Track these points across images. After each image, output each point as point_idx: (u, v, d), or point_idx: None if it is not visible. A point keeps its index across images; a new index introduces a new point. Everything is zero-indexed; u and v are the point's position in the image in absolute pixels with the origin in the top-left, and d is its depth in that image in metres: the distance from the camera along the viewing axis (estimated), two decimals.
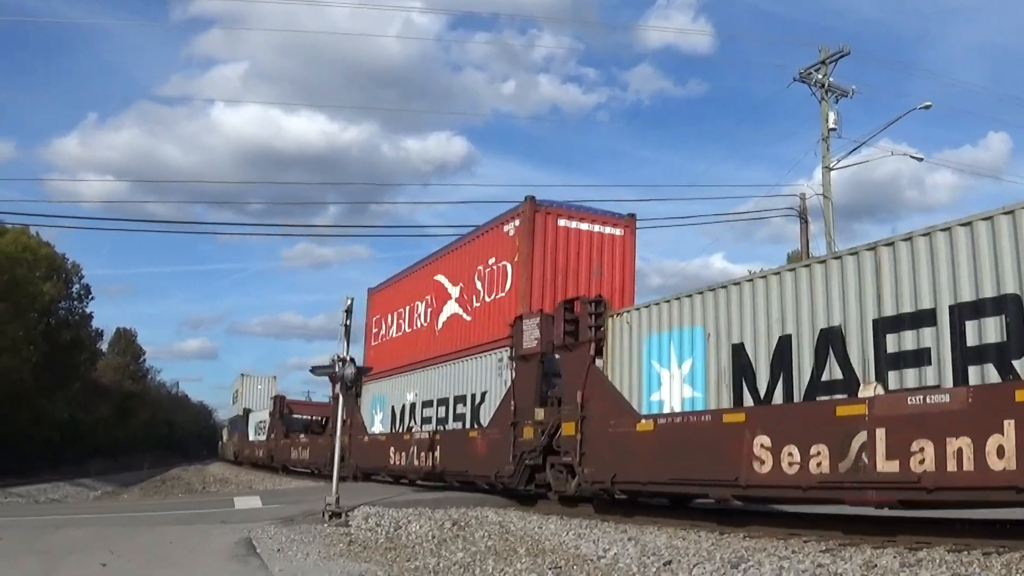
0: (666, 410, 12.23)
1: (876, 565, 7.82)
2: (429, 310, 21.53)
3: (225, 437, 61.49)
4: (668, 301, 12.71)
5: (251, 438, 45.73)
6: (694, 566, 8.53)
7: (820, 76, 27.35)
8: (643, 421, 12.38)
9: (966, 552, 7.99)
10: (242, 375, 57.77)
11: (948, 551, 8.14)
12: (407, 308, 23.35)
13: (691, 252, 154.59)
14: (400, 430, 21.61)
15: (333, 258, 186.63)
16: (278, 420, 38.52)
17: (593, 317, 13.92)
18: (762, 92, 74.09)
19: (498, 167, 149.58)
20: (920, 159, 29.11)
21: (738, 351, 11.27)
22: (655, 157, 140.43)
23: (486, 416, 17.16)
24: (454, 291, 19.95)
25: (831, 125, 27.05)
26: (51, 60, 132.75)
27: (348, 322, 14.27)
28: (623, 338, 13.46)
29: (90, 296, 57.85)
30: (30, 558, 9.20)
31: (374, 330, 26.24)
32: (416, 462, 19.68)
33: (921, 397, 8.63)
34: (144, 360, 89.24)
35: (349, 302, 14.30)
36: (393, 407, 22.54)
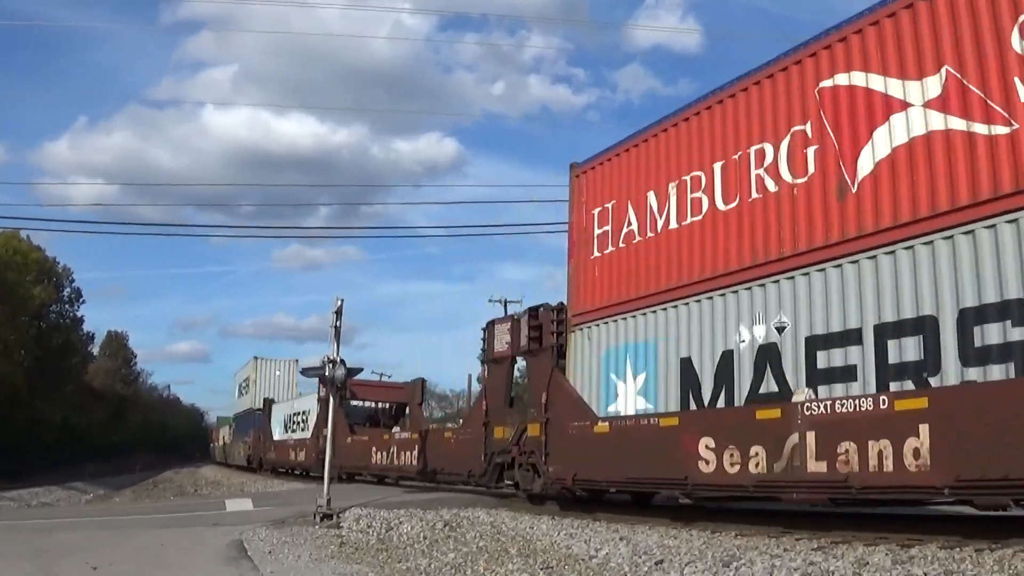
0: None
1: (868, 563, 7.80)
2: (812, 150, 10.69)
3: (227, 438, 53.90)
4: None
5: (278, 436, 35.98)
6: (686, 565, 8.51)
7: None
8: None
9: (958, 549, 7.98)
10: (255, 359, 47.17)
11: (940, 548, 8.13)
12: (702, 174, 12.36)
13: None
14: (717, 401, 11.46)
15: (325, 259, 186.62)
16: (337, 409, 25.95)
17: None
18: None
19: (489, 168, 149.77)
20: None
21: None
22: None
23: None
24: (925, 88, 9.54)
25: None
26: (40, 63, 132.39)
27: (338, 323, 14.25)
28: None
29: (81, 299, 57.91)
30: (21, 562, 9.16)
31: (598, 230, 14.27)
32: (816, 465, 9.42)
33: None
34: (136, 363, 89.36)
35: (339, 303, 14.28)
36: (686, 360, 12.02)
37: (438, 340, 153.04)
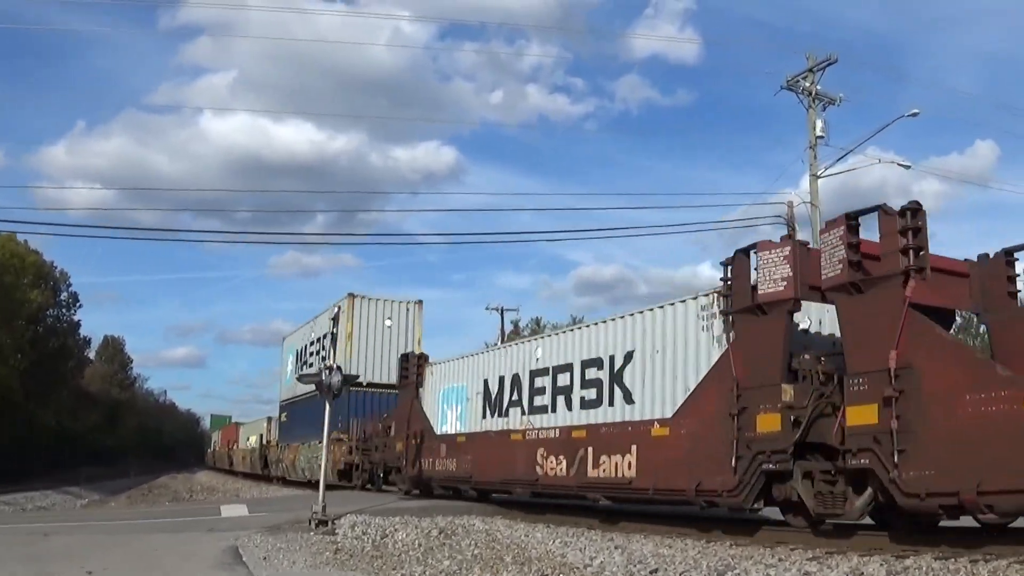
0: None
1: (863, 573, 7.83)
2: None
3: (269, 437, 38.58)
4: None
5: (457, 427, 18.46)
6: (681, 574, 8.52)
7: (807, 84, 27.42)
8: None
9: (952, 560, 8.00)
10: (351, 296, 23.96)
11: (935, 559, 8.15)
12: None
13: (680, 260, 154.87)
14: None
15: (322, 266, 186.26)
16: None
17: None
18: (751, 100, 74.40)
19: (487, 176, 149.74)
20: (908, 167, 29.06)
21: None
22: (645, 166, 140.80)
23: None
24: None
25: (818, 133, 27.06)
26: (39, 68, 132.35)
27: (335, 330, 14.25)
28: None
29: (78, 304, 57.74)
30: (17, 565, 9.14)
31: None
32: None
33: None
34: (132, 368, 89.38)
35: (336, 310, 14.27)
36: None
37: (437, 345, 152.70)
